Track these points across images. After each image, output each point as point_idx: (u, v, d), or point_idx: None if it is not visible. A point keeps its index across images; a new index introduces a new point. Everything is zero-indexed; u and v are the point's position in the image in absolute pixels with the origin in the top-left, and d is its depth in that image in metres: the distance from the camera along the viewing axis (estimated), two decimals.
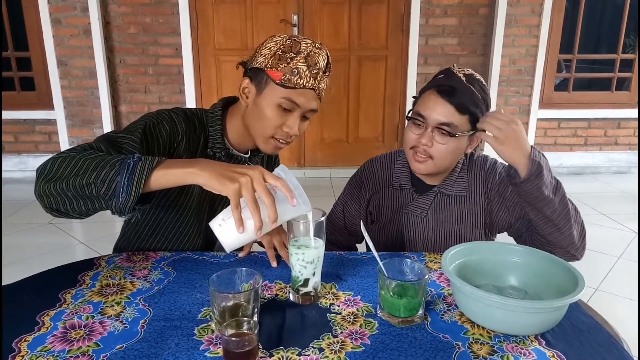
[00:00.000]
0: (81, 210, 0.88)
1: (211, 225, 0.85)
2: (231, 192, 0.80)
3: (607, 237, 2.96)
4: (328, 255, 1.11)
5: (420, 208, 1.26)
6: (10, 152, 3.97)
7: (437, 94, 1.13)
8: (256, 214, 0.80)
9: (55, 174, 0.86)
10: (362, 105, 4.11)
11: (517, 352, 0.78)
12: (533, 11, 3.83)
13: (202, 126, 1.14)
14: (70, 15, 3.69)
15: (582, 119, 4.13)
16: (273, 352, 0.77)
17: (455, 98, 1.11)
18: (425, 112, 1.15)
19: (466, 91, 1.12)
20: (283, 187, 0.82)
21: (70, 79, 3.83)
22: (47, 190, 0.86)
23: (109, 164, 0.84)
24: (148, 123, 1.03)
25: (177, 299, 0.92)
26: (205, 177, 0.82)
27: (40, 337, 0.79)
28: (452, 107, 1.11)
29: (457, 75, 1.13)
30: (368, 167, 1.35)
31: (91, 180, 0.83)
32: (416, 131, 1.17)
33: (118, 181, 0.83)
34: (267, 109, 1.05)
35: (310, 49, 1.04)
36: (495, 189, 1.23)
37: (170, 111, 1.10)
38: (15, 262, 2.52)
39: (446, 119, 1.12)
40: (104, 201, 0.85)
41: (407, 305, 0.84)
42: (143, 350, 0.76)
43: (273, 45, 1.05)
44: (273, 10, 3.82)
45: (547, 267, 0.93)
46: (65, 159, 0.87)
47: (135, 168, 0.83)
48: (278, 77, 1.02)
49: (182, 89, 3.91)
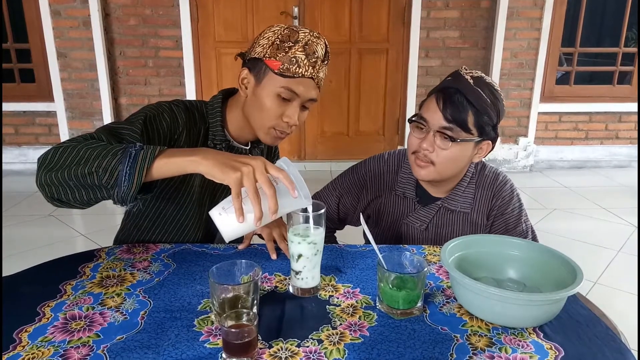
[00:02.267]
0: (83, 200, 0.88)
1: (211, 213, 0.85)
2: (233, 180, 0.80)
3: (607, 230, 2.96)
4: (327, 248, 1.11)
5: (421, 220, 1.23)
6: (11, 144, 3.97)
7: (441, 99, 1.10)
8: (257, 204, 0.80)
9: (57, 164, 0.86)
10: (362, 99, 4.10)
11: (515, 344, 0.79)
12: (535, 4, 3.80)
13: (203, 118, 1.14)
14: (70, 7, 3.67)
15: (583, 113, 4.12)
16: (272, 343, 0.77)
17: (459, 103, 1.07)
18: (427, 115, 1.12)
19: (473, 94, 1.08)
20: (285, 178, 0.82)
21: (70, 71, 3.82)
22: (49, 179, 0.85)
23: (111, 153, 0.84)
24: (148, 114, 1.03)
25: (177, 291, 0.93)
26: (207, 166, 0.82)
27: (41, 328, 0.80)
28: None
29: (464, 78, 1.10)
30: (373, 168, 1.29)
31: (93, 169, 0.83)
32: (418, 135, 1.14)
33: (120, 170, 0.82)
34: (267, 98, 1.05)
35: (309, 37, 1.03)
36: (499, 212, 1.21)
37: (170, 103, 1.10)
38: (16, 253, 2.52)
39: (448, 122, 1.09)
40: (106, 190, 0.85)
41: (406, 298, 0.84)
42: (143, 341, 0.77)
43: (271, 35, 1.04)
44: (273, 2, 3.80)
45: (545, 260, 0.93)
46: (66, 148, 0.87)
47: (138, 156, 0.83)
48: (277, 67, 1.02)
49: (182, 82, 3.90)
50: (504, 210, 1.21)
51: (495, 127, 1.14)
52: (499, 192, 1.21)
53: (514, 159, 4.13)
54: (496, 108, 1.11)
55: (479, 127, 1.10)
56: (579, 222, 3.10)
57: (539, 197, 3.49)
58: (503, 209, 1.21)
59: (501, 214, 1.22)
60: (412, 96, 4.01)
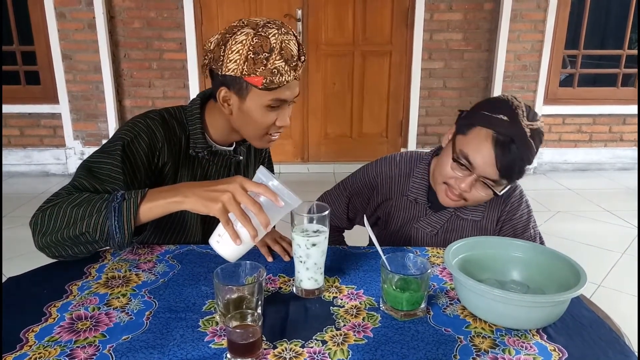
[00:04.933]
0: (83, 252, 0.95)
1: (210, 242, 0.88)
2: (217, 212, 0.83)
3: (611, 233, 2.95)
4: (331, 249, 1.11)
5: (432, 226, 1.22)
6: (16, 146, 3.99)
7: (493, 145, 1.00)
8: (247, 224, 0.82)
9: (48, 228, 0.91)
10: (366, 101, 4.10)
11: (518, 346, 0.79)
12: (538, 6, 3.81)
13: (182, 126, 1.11)
14: (75, 10, 3.69)
15: (587, 115, 4.11)
16: (277, 344, 0.78)
17: (513, 156, 1.00)
18: (477, 161, 1.03)
19: (529, 150, 1.01)
20: (266, 192, 0.83)
21: (75, 73, 3.84)
22: (46, 242, 0.91)
23: (96, 209, 0.89)
24: (126, 140, 1.02)
25: (181, 291, 0.93)
26: (189, 203, 0.86)
27: (47, 328, 0.80)
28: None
29: (522, 127, 1.00)
30: (385, 171, 1.26)
31: (83, 229, 0.88)
32: (458, 173, 1.07)
33: (109, 225, 0.87)
34: (256, 112, 1.03)
35: (280, 39, 0.97)
36: (507, 217, 1.21)
37: (145, 118, 1.07)
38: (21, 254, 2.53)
39: (497, 176, 1.03)
40: (103, 242, 0.90)
41: (409, 299, 0.85)
42: (148, 341, 0.77)
43: (240, 48, 0.97)
44: (277, 5, 3.81)
45: (549, 262, 0.93)
46: (52, 210, 0.91)
47: (122, 209, 0.87)
48: (259, 82, 0.98)
49: (186, 84, 3.92)
50: (513, 215, 1.21)
51: None
52: (509, 198, 1.21)
53: None
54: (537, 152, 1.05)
55: (519, 175, 1.06)
56: (583, 225, 3.09)
57: (542, 200, 3.49)
58: (512, 214, 1.21)
59: (509, 219, 1.21)
60: (415, 98, 4.01)
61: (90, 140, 3.97)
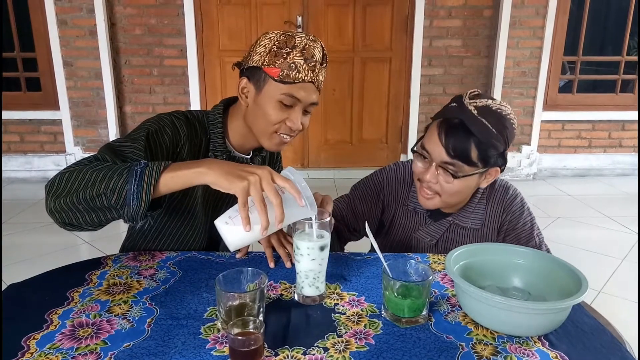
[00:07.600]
0: (94, 222, 0.89)
1: (216, 223, 0.85)
2: (239, 190, 0.80)
3: (611, 239, 2.95)
4: (333, 256, 1.11)
5: (431, 235, 1.22)
6: (16, 152, 4.00)
7: (440, 128, 1.05)
8: (264, 213, 0.81)
9: (64, 189, 0.87)
10: (365, 107, 4.11)
11: (520, 353, 0.79)
12: (537, 13, 3.83)
13: (203, 129, 1.13)
14: (76, 17, 3.71)
15: (586, 121, 4.12)
16: (278, 351, 0.78)
17: (462, 135, 1.03)
18: (429, 147, 1.08)
19: (477, 126, 1.03)
20: (291, 187, 0.82)
21: (76, 80, 3.85)
22: (58, 205, 0.86)
23: (117, 173, 0.85)
24: (150, 130, 1.03)
25: (183, 298, 0.93)
26: (213, 176, 0.83)
27: (49, 335, 0.80)
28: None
29: (467, 108, 1.04)
30: (391, 178, 1.27)
31: (101, 191, 0.84)
32: (421, 165, 1.11)
33: (128, 189, 0.83)
34: (268, 106, 1.05)
35: (305, 42, 1.03)
36: (510, 226, 1.20)
37: (171, 115, 1.09)
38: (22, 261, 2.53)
39: (450, 157, 1.05)
40: (116, 210, 0.86)
41: (411, 306, 0.85)
42: (150, 348, 0.77)
43: (267, 43, 1.04)
44: (277, 12, 3.83)
45: (550, 269, 0.93)
46: (72, 172, 0.88)
47: (144, 174, 0.84)
48: (276, 74, 1.02)
49: (187, 90, 3.93)
50: (515, 225, 1.21)
51: (503, 153, 1.10)
52: (509, 207, 1.20)
53: (517, 167, 4.13)
54: (504, 136, 1.05)
55: (483, 159, 1.06)
56: (583, 231, 3.09)
57: (542, 206, 3.49)
58: (514, 224, 1.21)
59: (512, 229, 1.21)
60: (415, 104, 4.02)
61: (90, 146, 3.97)
